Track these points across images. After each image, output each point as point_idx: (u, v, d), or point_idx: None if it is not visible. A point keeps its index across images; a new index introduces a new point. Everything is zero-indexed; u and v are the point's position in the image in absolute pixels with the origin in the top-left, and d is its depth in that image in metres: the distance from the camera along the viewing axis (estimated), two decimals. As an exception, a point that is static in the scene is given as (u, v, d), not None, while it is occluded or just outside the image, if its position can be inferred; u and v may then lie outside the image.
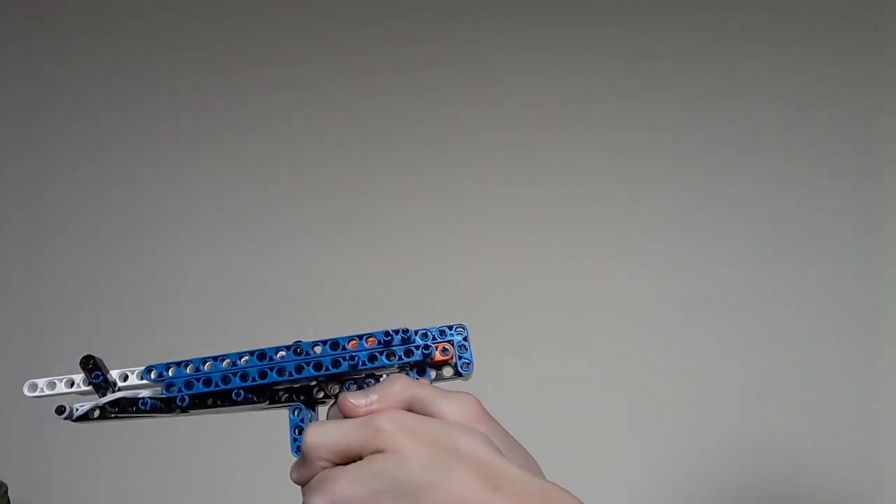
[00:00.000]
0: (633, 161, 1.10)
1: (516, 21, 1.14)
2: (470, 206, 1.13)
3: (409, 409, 0.41)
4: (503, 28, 1.14)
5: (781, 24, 1.08)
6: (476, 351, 0.56)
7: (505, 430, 0.43)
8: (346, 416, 0.40)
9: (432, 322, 0.47)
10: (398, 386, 0.41)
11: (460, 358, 0.44)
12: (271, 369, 0.43)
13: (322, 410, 0.46)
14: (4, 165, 1.24)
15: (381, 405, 0.40)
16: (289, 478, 0.42)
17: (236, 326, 1.15)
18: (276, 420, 1.11)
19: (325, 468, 0.40)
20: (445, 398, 0.41)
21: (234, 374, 0.43)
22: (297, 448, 0.43)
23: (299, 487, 0.42)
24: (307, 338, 0.45)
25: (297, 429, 0.44)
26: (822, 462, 1.04)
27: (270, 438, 1.15)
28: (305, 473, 0.40)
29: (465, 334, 0.44)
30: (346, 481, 0.38)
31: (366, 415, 0.40)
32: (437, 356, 0.43)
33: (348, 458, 0.39)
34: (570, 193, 1.11)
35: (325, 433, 0.39)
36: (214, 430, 1.15)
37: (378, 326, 0.46)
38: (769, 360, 1.06)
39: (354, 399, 0.40)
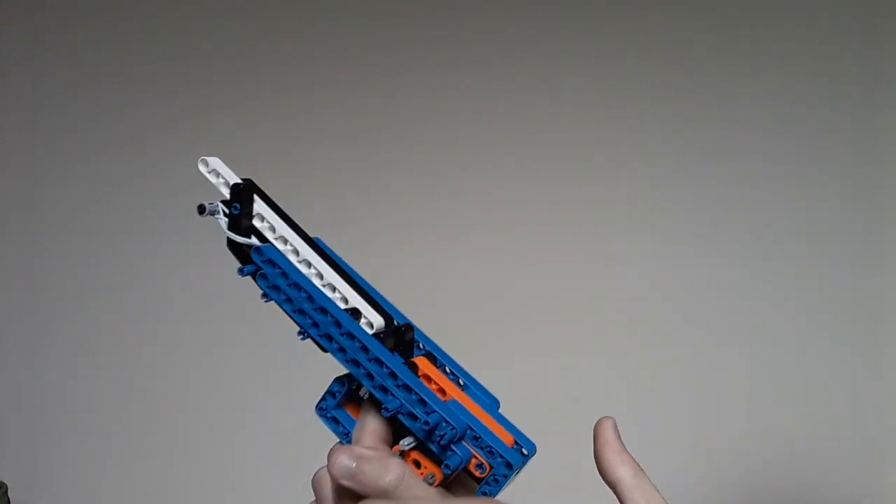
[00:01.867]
0: (634, 161, 1.10)
1: (518, 21, 1.14)
2: (470, 206, 1.13)
3: None
4: (505, 28, 1.14)
5: (782, 24, 1.08)
6: (478, 352, 0.55)
7: None
8: (330, 469, 0.40)
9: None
10: (389, 479, 0.39)
11: (487, 484, 0.40)
12: (336, 342, 0.42)
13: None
14: (4, 165, 1.24)
15: (358, 485, 0.39)
16: (289, 478, 0.43)
17: (237, 326, 1.15)
18: (276, 420, 1.11)
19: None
20: None
21: (310, 318, 0.42)
22: (320, 409, 0.44)
23: (297, 489, 0.43)
24: (313, 347, 0.45)
25: (332, 394, 0.44)
26: (824, 462, 1.04)
27: (271, 438, 1.15)
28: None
29: (510, 472, 0.40)
30: None
31: (337, 482, 0.40)
32: (470, 466, 0.40)
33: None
34: (571, 193, 1.11)
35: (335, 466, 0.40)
36: (215, 429, 1.15)
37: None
38: (770, 360, 1.06)
39: (339, 464, 0.40)
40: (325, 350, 0.43)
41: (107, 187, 1.21)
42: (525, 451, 0.42)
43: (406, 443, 0.40)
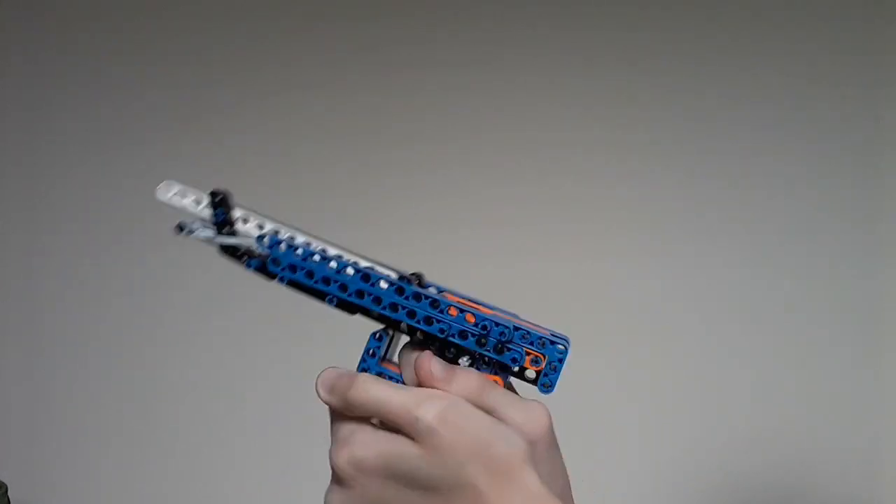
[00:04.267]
0: (635, 161, 1.10)
1: (521, 21, 1.14)
2: (470, 207, 1.13)
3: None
4: (509, 28, 1.14)
5: (783, 25, 1.08)
6: None
7: (559, 454, 0.43)
8: (416, 375, 0.41)
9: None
10: (475, 383, 0.41)
11: (545, 375, 0.43)
12: (369, 295, 0.43)
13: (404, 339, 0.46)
14: (4, 165, 1.24)
15: (450, 390, 0.40)
16: (290, 478, 0.43)
17: (238, 326, 1.15)
18: (277, 419, 1.11)
19: (360, 423, 0.40)
20: (514, 408, 0.41)
21: (336, 282, 0.44)
22: (363, 370, 0.44)
23: (297, 483, 0.43)
24: (310, 340, 0.45)
25: (371, 351, 0.44)
26: (825, 462, 1.04)
27: (272, 438, 1.15)
28: (337, 405, 0.41)
29: (564, 355, 0.43)
30: (371, 450, 0.39)
31: (431, 388, 0.40)
32: (526, 364, 0.43)
33: (386, 423, 0.40)
34: (572, 194, 1.11)
35: (377, 390, 0.40)
36: (215, 429, 1.15)
37: (377, 325, 0.46)
38: (771, 360, 1.06)
39: (435, 368, 0.41)
40: (354, 311, 0.44)
41: (107, 187, 1.21)
42: (565, 341, 0.44)
43: (463, 362, 0.43)
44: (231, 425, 1.15)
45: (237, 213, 0.45)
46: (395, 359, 0.46)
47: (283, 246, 0.44)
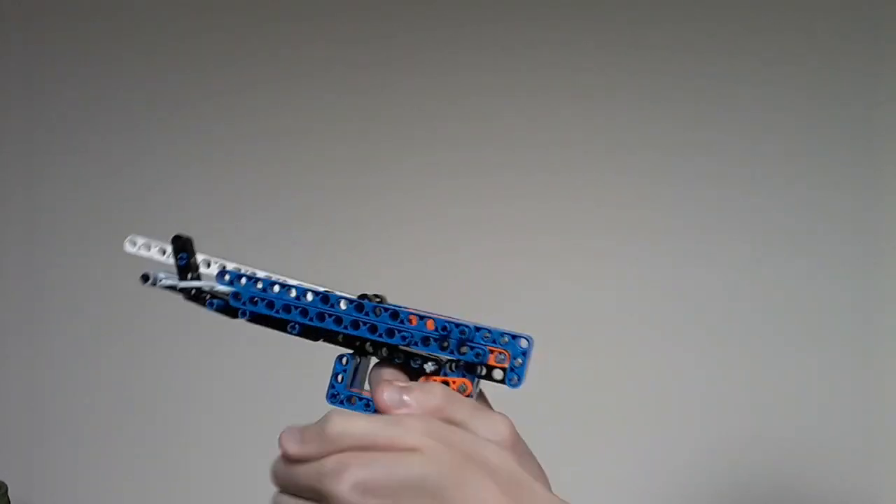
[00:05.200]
0: (633, 161, 1.10)
1: (525, 21, 1.14)
2: (470, 207, 1.13)
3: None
4: (514, 28, 1.14)
5: (783, 24, 1.08)
6: None
7: (533, 456, 0.43)
8: (377, 409, 0.41)
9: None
10: (437, 398, 0.41)
11: (511, 370, 0.42)
12: (330, 316, 0.44)
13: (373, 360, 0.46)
14: (5, 165, 1.24)
15: (411, 412, 0.40)
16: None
17: (238, 326, 1.15)
18: (278, 419, 1.11)
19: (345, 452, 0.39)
20: (480, 420, 0.41)
21: (296, 308, 0.45)
22: (332, 395, 0.45)
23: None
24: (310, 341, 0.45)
25: (338, 376, 0.45)
26: (824, 462, 1.04)
27: (272, 438, 1.15)
28: (317, 452, 0.39)
29: (527, 348, 0.43)
30: (373, 469, 0.37)
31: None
32: (490, 360, 0.43)
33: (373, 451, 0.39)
34: (571, 194, 1.11)
35: (353, 425, 0.38)
36: (215, 429, 1.15)
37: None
38: (767, 361, 1.06)
39: (389, 397, 0.40)
40: (316, 336, 0.45)
41: (107, 187, 1.21)
42: (527, 338, 0.43)
43: (429, 368, 0.43)
44: (232, 425, 1.15)
45: (200, 258, 0.47)
46: (367, 385, 0.46)
47: (243, 280, 0.45)
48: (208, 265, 0.47)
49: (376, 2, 1.17)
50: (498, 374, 0.43)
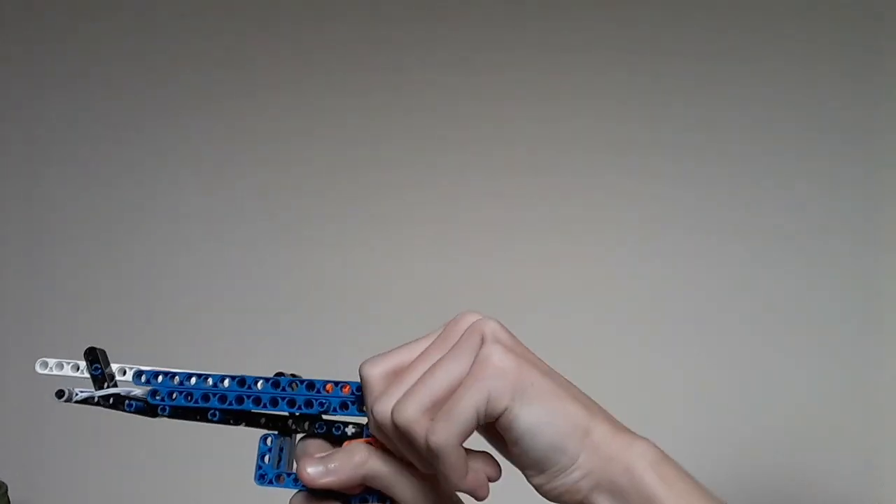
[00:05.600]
0: (635, 161, 1.10)
1: (526, 22, 1.14)
2: (470, 208, 1.13)
3: (366, 483, 0.42)
4: (513, 29, 1.14)
5: (783, 24, 1.09)
6: None
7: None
8: (303, 482, 0.42)
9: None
10: (358, 457, 0.42)
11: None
12: (248, 397, 0.46)
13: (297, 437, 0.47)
14: (5, 166, 1.24)
15: (338, 477, 0.42)
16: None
17: (238, 325, 1.15)
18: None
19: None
20: (403, 476, 0.42)
21: (214, 395, 0.46)
22: (260, 476, 0.46)
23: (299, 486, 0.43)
24: (308, 340, 0.46)
25: (264, 457, 0.46)
26: (825, 463, 1.04)
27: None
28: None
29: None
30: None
31: (320, 487, 0.42)
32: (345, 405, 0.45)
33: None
34: (569, 195, 1.11)
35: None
36: (215, 429, 1.15)
37: (380, 328, 0.46)
38: (767, 361, 1.06)
39: (313, 470, 0.42)
40: (235, 419, 0.47)
41: (107, 187, 1.21)
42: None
43: (350, 431, 0.45)
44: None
45: (114, 367, 0.49)
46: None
47: (160, 377, 0.48)
48: (123, 373, 0.48)
49: (378, 4, 1.17)
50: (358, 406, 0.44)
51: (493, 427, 0.41)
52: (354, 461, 0.42)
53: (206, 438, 1.16)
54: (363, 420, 0.45)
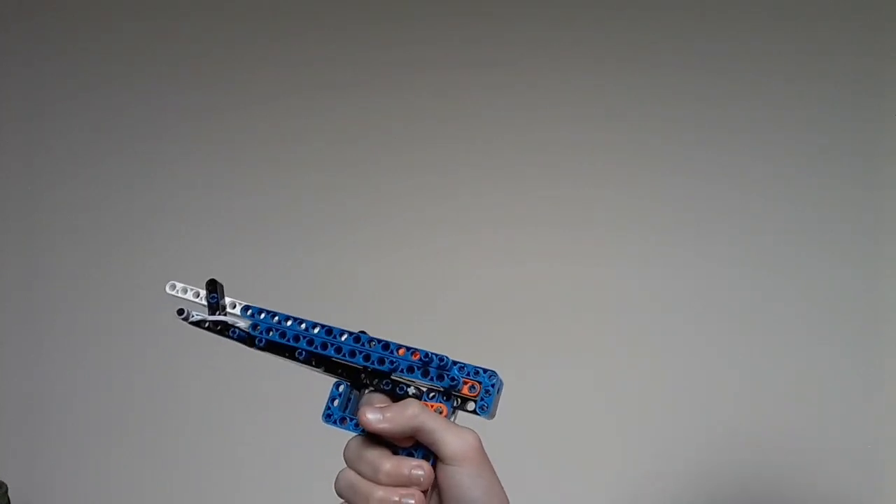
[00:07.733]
0: (632, 164, 1.10)
1: (527, 21, 1.14)
2: (470, 208, 1.14)
3: (415, 435, 0.48)
4: (514, 28, 1.14)
5: (783, 24, 1.09)
6: (473, 352, 0.57)
7: (493, 471, 0.49)
8: (362, 424, 0.48)
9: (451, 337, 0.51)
10: (411, 410, 0.48)
11: (481, 400, 0.50)
12: (332, 345, 0.52)
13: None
14: (5, 166, 1.24)
15: (392, 425, 0.48)
16: (290, 478, 0.48)
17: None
18: (277, 422, 1.11)
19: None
20: (449, 431, 0.48)
21: (304, 338, 0.52)
22: (327, 415, 0.52)
23: (298, 489, 0.45)
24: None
25: (334, 400, 0.52)
26: (822, 463, 1.04)
27: (273, 438, 1.15)
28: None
29: (494, 382, 0.50)
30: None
31: (375, 432, 0.48)
32: (464, 390, 0.50)
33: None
34: (568, 196, 1.12)
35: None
36: (215, 429, 1.15)
37: (380, 326, 0.54)
38: (767, 361, 1.06)
39: (372, 415, 0.48)
40: (318, 362, 0.53)
41: (107, 188, 1.21)
42: (495, 372, 0.51)
43: (411, 391, 0.51)
44: (233, 425, 1.16)
45: (227, 300, 0.55)
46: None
47: (263, 314, 0.54)
48: (234, 306, 0.55)
49: (371, 3, 1.17)
50: (471, 405, 0.50)
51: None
52: (407, 413, 0.47)
53: (205, 439, 1.16)
54: (425, 385, 0.50)
